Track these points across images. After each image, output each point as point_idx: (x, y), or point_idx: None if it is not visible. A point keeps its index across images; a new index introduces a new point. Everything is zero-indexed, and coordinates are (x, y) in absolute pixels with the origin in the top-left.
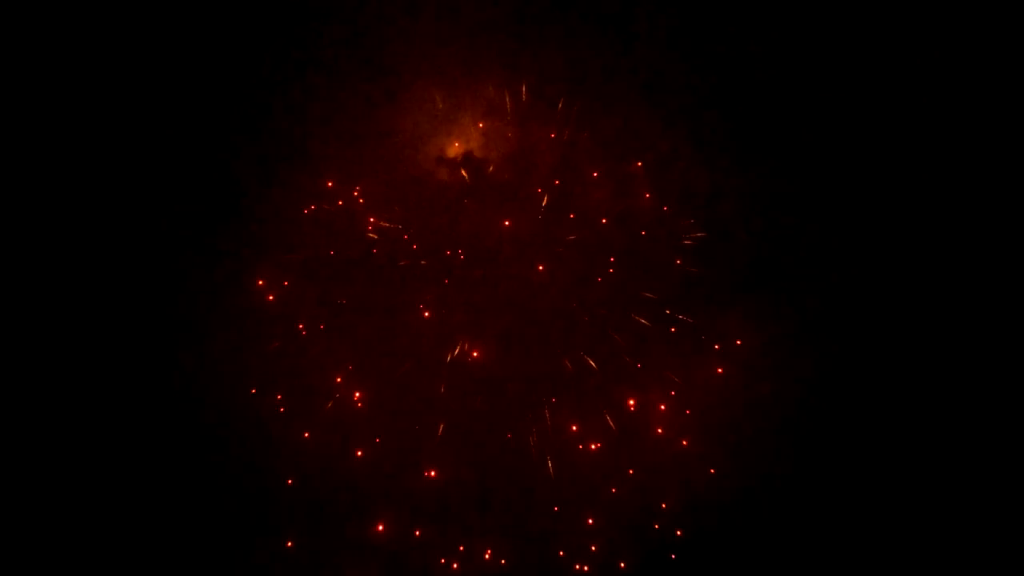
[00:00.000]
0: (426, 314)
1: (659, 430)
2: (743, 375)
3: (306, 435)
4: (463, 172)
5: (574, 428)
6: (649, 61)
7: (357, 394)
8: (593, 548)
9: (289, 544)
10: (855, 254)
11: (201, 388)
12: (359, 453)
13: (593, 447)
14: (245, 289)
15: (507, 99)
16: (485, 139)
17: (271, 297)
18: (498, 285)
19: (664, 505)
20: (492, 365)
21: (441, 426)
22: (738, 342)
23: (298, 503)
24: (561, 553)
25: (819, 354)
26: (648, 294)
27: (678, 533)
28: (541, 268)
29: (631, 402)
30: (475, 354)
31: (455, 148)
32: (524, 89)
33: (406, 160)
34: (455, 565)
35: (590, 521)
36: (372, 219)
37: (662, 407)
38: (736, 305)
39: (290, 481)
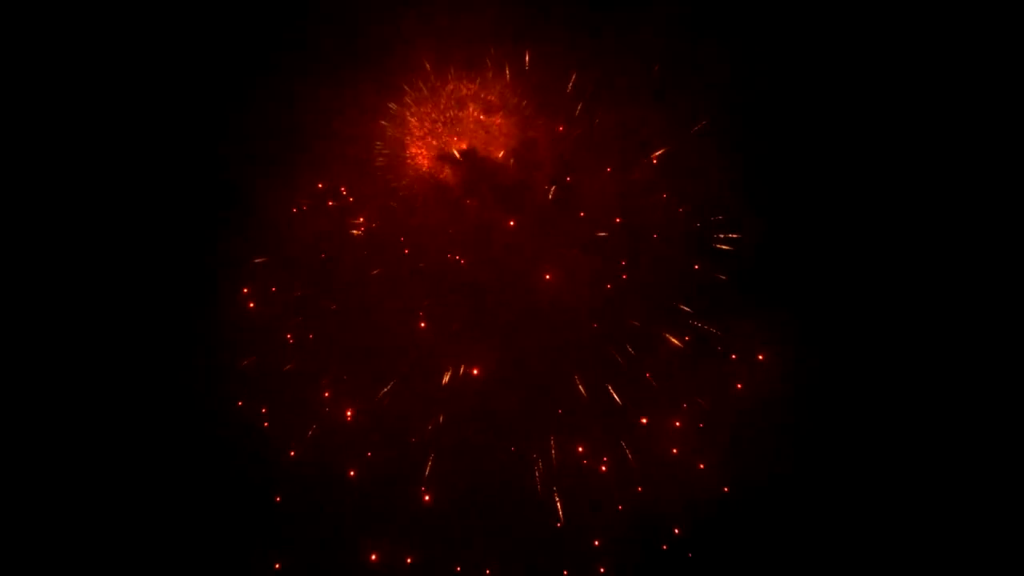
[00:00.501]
0: (422, 324)
1: (674, 450)
2: (763, 391)
3: (292, 453)
4: (464, 169)
5: (580, 449)
6: (663, 49)
7: (348, 412)
8: (601, 570)
9: (277, 566)
10: (890, 265)
11: (184, 401)
12: (352, 473)
13: (603, 468)
14: (229, 295)
15: (510, 90)
16: (488, 134)
17: (257, 304)
18: (501, 292)
19: (677, 531)
20: (493, 380)
21: (438, 446)
22: (759, 356)
23: (287, 524)
24: (565, 573)
25: (848, 370)
26: (664, 302)
27: (689, 555)
28: (548, 277)
29: (644, 420)
30: (475, 372)
31: (456, 144)
32: (528, 70)
33: (403, 157)
34: None
35: (596, 543)
36: (363, 220)
37: (676, 423)
38: (759, 317)
39: (278, 499)
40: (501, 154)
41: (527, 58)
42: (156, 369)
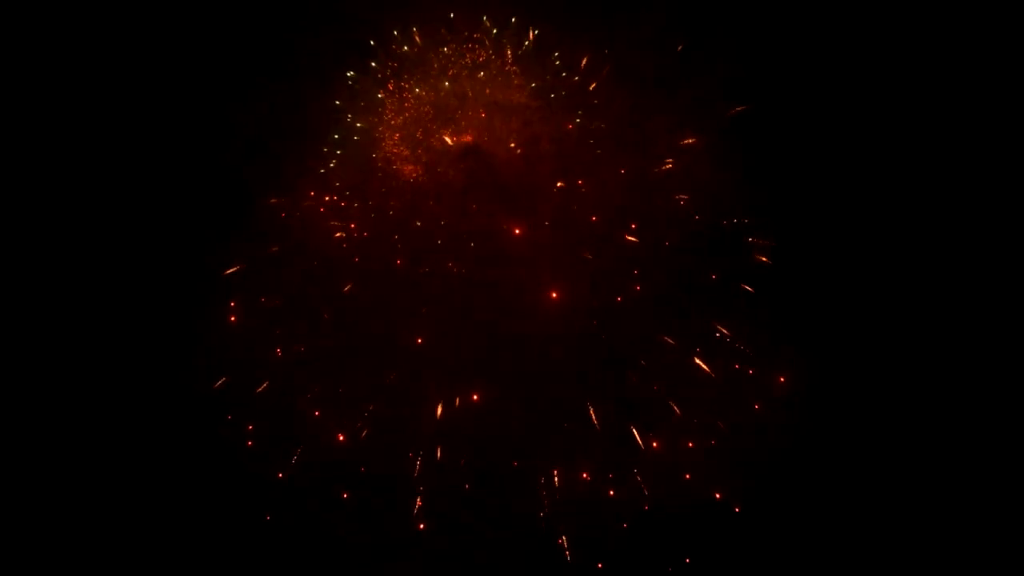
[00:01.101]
0: (419, 340)
1: (687, 475)
2: (783, 413)
3: (280, 475)
4: (465, 169)
5: (585, 473)
6: (682, 39)
7: (340, 431)
8: None
9: None
10: (936, 286)
11: (172, 412)
12: (345, 495)
13: (611, 491)
14: (216, 305)
15: (518, 85)
16: (491, 132)
17: (245, 315)
18: (505, 304)
19: (688, 560)
20: (495, 399)
21: (434, 468)
22: (781, 379)
23: (277, 543)
24: None
25: (878, 393)
26: (678, 315)
27: None
28: (557, 287)
29: (655, 444)
30: (475, 397)
31: (456, 141)
32: (532, 63)
33: (397, 157)
34: None
35: (599, 565)
36: (355, 226)
37: (690, 444)
38: (782, 332)
39: (268, 517)
40: (505, 152)
41: (531, 35)
42: (139, 382)
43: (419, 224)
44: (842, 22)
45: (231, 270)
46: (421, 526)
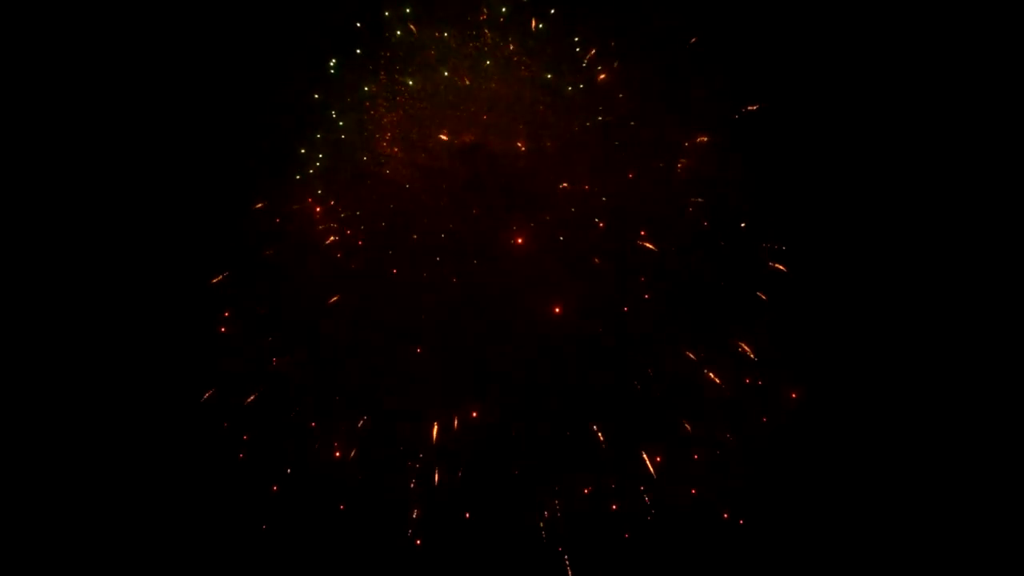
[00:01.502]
0: (418, 349)
1: (692, 490)
2: (794, 428)
3: (275, 487)
4: (465, 173)
5: (586, 491)
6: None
7: (336, 443)
8: None
9: None
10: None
11: (161, 428)
12: (341, 507)
13: (614, 506)
14: (206, 315)
15: (524, 78)
16: (493, 133)
17: (236, 325)
18: (506, 317)
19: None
20: (496, 414)
21: (431, 485)
22: (793, 395)
23: (270, 561)
24: None
25: (893, 406)
26: (687, 324)
27: None
28: (560, 304)
29: (658, 457)
30: (474, 415)
31: (456, 143)
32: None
33: (392, 160)
34: None
35: None
36: (350, 232)
37: (695, 456)
38: (794, 344)
39: (264, 527)
40: (509, 152)
41: (534, 24)
42: (129, 393)
43: (416, 231)
44: (870, 20)
45: (219, 278)
46: (418, 541)
